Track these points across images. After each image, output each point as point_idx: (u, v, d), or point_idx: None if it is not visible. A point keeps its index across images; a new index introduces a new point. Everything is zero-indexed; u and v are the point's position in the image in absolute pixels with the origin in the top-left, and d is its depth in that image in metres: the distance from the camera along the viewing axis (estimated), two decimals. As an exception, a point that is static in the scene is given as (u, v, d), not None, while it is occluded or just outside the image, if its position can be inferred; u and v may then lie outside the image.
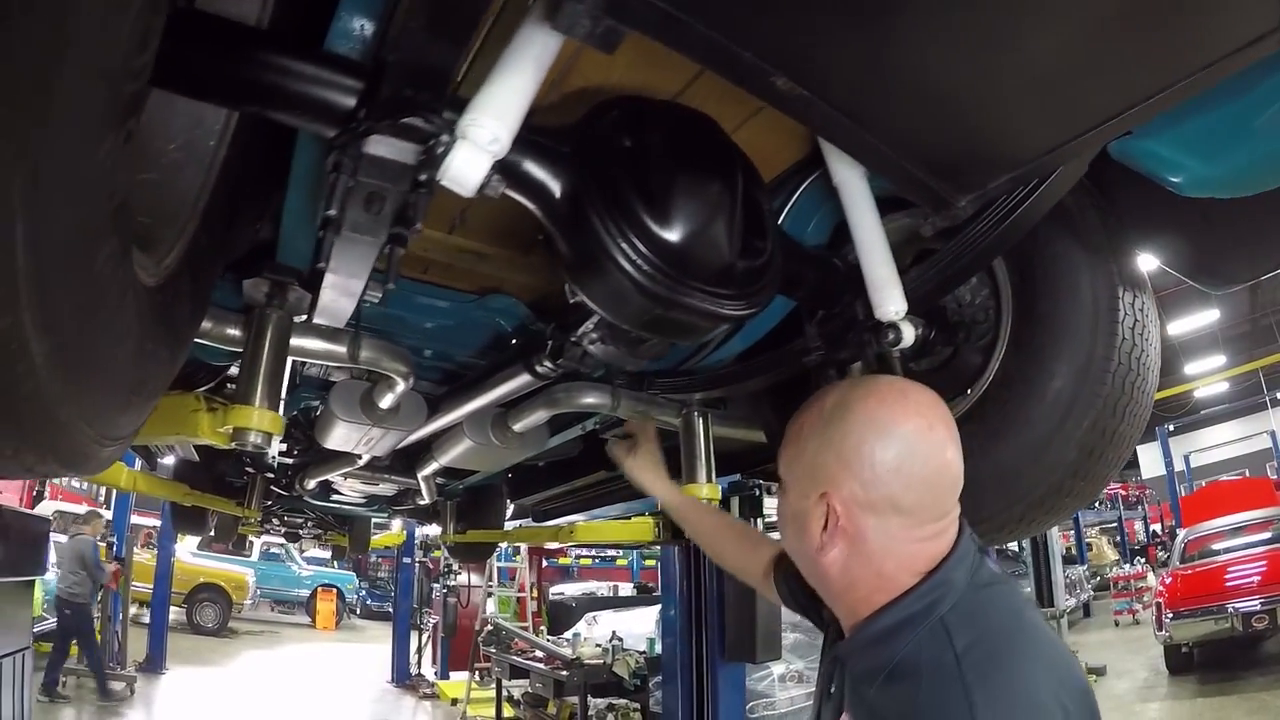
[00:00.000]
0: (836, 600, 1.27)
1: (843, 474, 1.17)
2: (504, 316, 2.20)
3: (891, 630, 1.15)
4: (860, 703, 1.19)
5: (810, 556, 1.23)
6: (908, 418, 1.17)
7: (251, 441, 1.64)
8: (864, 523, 1.16)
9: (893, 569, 1.17)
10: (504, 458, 3.12)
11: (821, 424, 1.23)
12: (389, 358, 2.05)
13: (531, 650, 8.83)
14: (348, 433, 2.60)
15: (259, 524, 8.64)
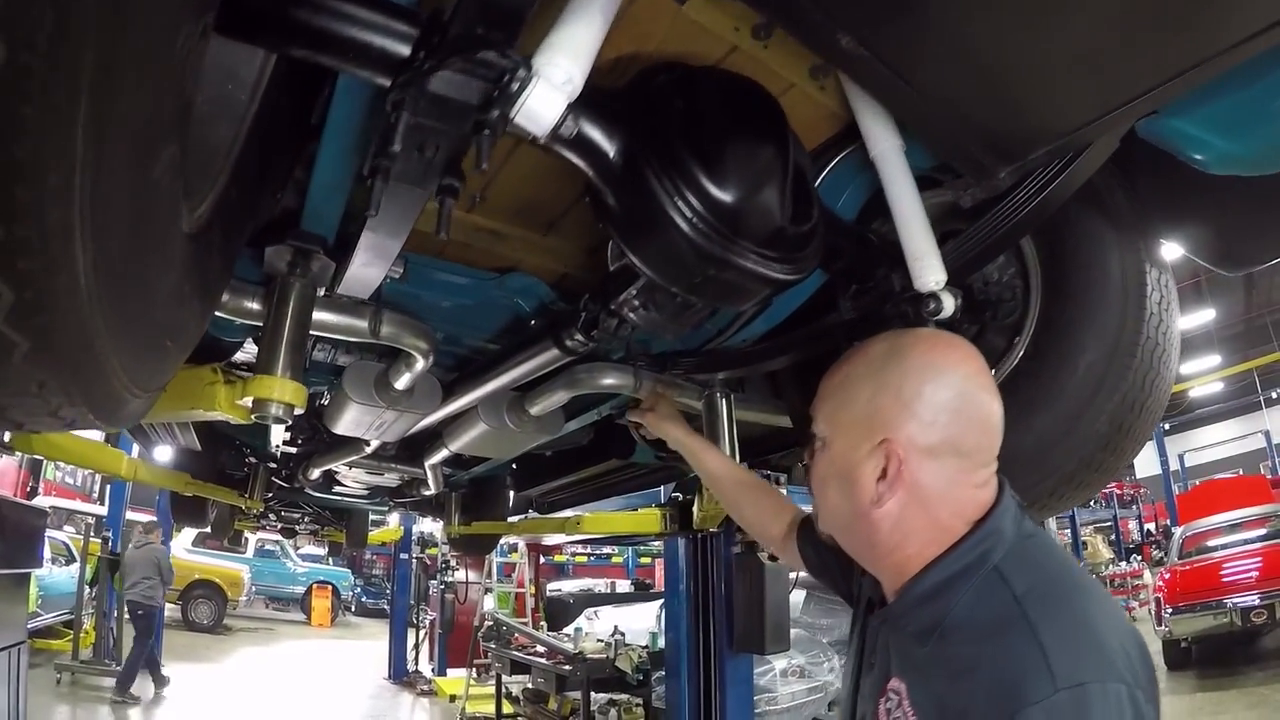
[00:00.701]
0: (882, 561, 1.23)
1: (902, 416, 1.15)
2: (523, 296, 2.15)
3: (945, 584, 1.13)
4: (912, 665, 1.15)
5: (859, 513, 1.20)
6: (963, 361, 1.18)
7: (273, 413, 1.59)
8: (923, 467, 1.14)
9: (948, 517, 1.15)
10: (518, 443, 3.06)
11: (873, 370, 1.22)
12: (410, 333, 1.99)
13: (532, 645, 8.75)
14: (359, 416, 2.54)
15: (257, 518, 8.62)
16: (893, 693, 1.15)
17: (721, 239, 1.28)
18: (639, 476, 4.33)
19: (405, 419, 2.60)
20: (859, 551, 1.29)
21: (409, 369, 2.18)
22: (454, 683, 12.18)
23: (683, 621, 6.60)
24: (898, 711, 1.12)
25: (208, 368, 1.83)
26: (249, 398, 1.59)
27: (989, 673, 1.01)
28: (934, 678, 1.09)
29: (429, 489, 4.57)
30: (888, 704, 1.15)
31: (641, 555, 22.89)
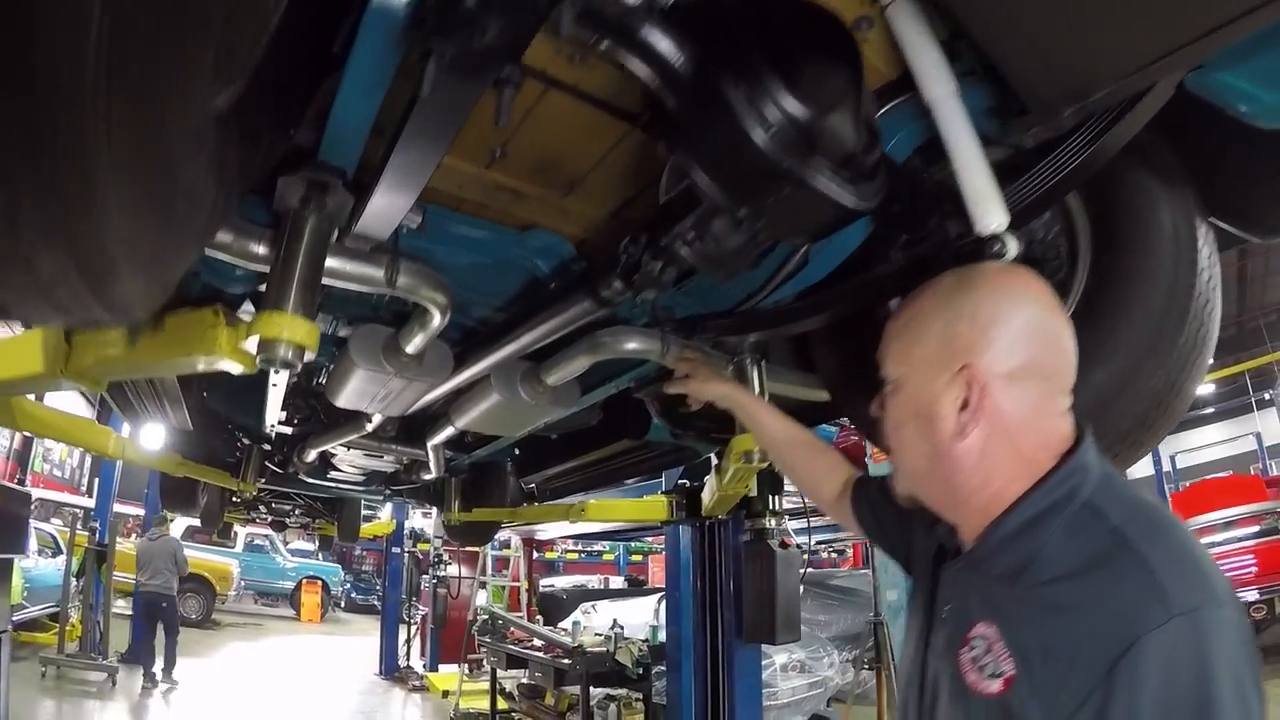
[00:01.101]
0: (966, 503, 1.19)
1: (980, 342, 1.14)
2: (543, 257, 2.04)
3: (1035, 520, 1.10)
4: (1003, 609, 1.10)
5: (941, 451, 1.17)
6: (1034, 285, 1.19)
7: (281, 356, 1.44)
8: (1005, 393, 1.13)
9: (1032, 446, 1.13)
10: (530, 417, 2.90)
11: (943, 302, 1.20)
12: (429, 285, 1.84)
13: (529, 639, 8.60)
14: (365, 386, 2.41)
15: (247, 509, 8.47)
16: (979, 639, 1.10)
17: (798, 153, 1.21)
18: (648, 459, 4.17)
19: (413, 389, 2.46)
20: (939, 497, 1.25)
21: (422, 329, 2.04)
22: (446, 678, 12.08)
23: (687, 612, 6.53)
24: (987, 658, 1.08)
25: (208, 309, 1.67)
26: (254, 338, 1.43)
27: (1096, 606, 0.99)
28: (1030, 619, 1.05)
29: (429, 473, 4.41)
30: (972, 652, 1.10)
31: (633, 552, 22.89)
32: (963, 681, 1.11)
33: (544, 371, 2.44)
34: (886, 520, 1.56)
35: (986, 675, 1.07)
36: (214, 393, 3.80)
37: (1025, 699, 1.02)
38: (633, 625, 8.43)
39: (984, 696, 1.07)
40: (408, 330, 2.12)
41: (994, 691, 1.05)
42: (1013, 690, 1.03)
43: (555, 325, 2.08)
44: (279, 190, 1.49)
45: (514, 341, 2.24)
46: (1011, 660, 1.04)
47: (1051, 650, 1.00)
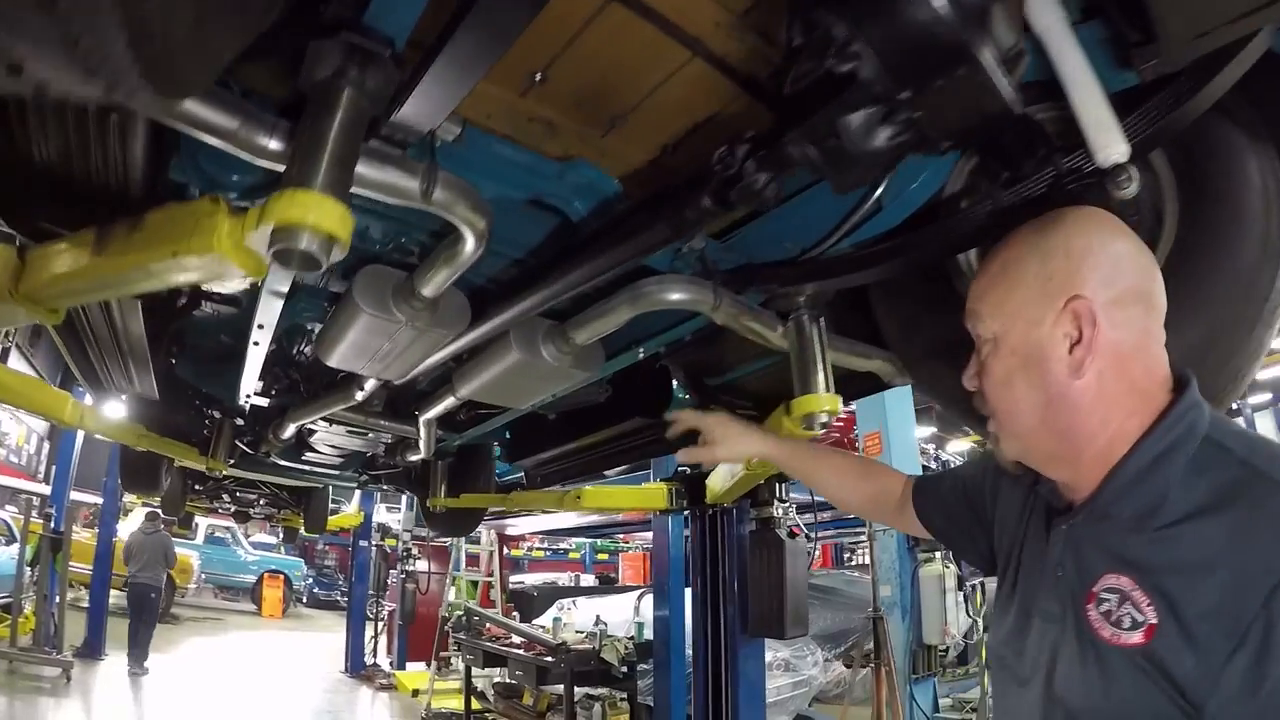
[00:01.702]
0: (1086, 450, 1.15)
1: (1081, 271, 1.13)
2: (582, 195, 1.85)
3: (1160, 458, 1.08)
4: (1130, 559, 1.07)
5: (1057, 395, 1.14)
6: (1114, 219, 1.19)
7: (303, 247, 1.12)
8: (1115, 319, 1.11)
9: (1144, 376, 1.12)
10: (548, 383, 2.65)
11: (1031, 244, 1.20)
12: (469, 204, 1.55)
13: (507, 636, 8.25)
14: (367, 337, 2.14)
15: (209, 499, 8.08)
16: (1110, 592, 1.07)
17: (976, 29, 1.10)
18: (660, 439, 3.86)
19: (422, 343, 2.19)
20: (1053, 451, 1.20)
21: (448, 264, 1.76)
22: (415, 677, 11.73)
23: (678, 607, 6.47)
24: (1124, 609, 1.04)
25: (205, 197, 1.34)
26: (268, 226, 1.10)
27: (1241, 539, 0.97)
28: (1168, 562, 1.03)
29: (417, 453, 4.07)
30: (1103, 606, 1.07)
31: (599, 550, 22.75)
32: (1095, 638, 1.07)
33: (573, 328, 2.23)
34: (957, 515, 1.53)
35: (1126, 628, 1.04)
36: (183, 360, 3.44)
37: (1175, 645, 0.98)
38: (613, 623, 8.25)
39: (1125, 648, 1.03)
40: (427, 268, 1.85)
41: (1135, 642, 1.02)
42: (1158, 638, 1.00)
43: (587, 274, 1.88)
44: (309, 59, 1.23)
45: (538, 293, 2.01)
46: (1153, 607, 1.01)
47: (1198, 591, 0.98)
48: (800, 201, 1.80)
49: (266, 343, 2.60)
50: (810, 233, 1.93)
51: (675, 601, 6.55)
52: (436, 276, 1.83)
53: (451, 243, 1.70)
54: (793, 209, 1.82)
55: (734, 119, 1.63)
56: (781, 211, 1.84)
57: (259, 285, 2.13)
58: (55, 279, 1.57)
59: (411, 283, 1.93)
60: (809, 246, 1.96)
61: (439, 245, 1.78)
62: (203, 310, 2.78)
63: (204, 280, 1.37)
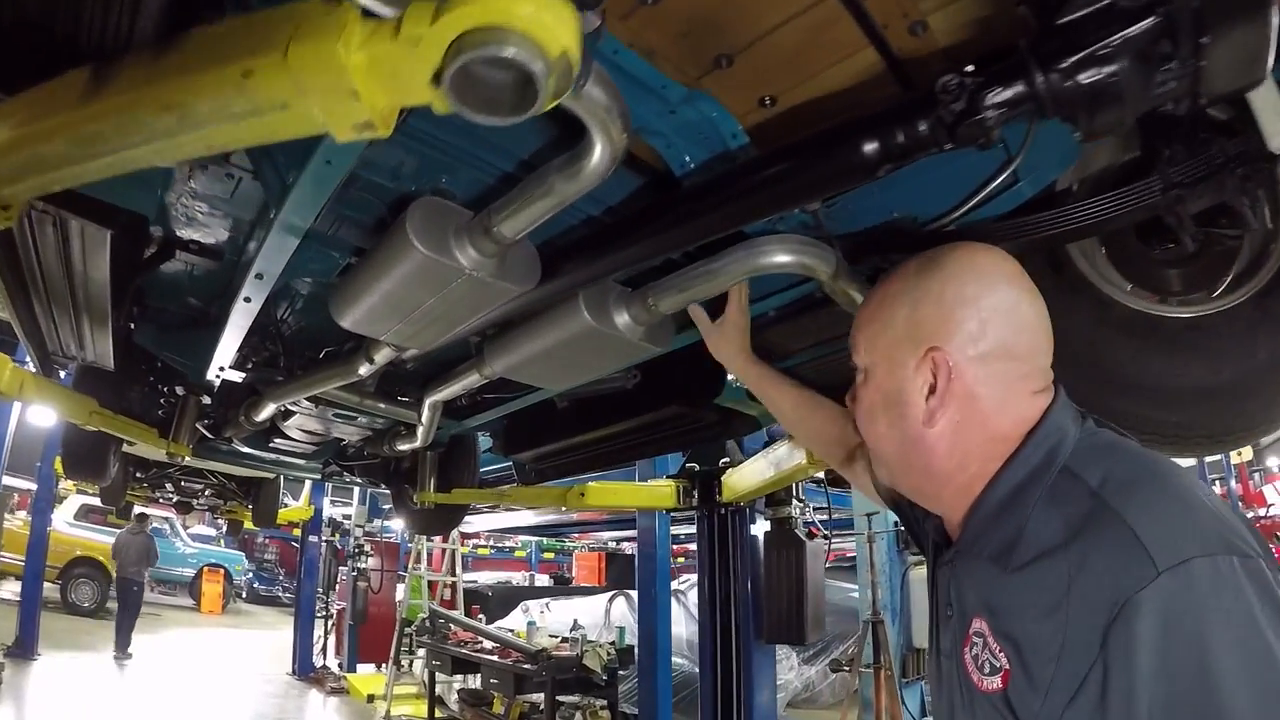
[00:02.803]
0: (944, 489, 1.16)
1: (948, 324, 1.12)
2: (697, 136, 1.62)
3: (1015, 493, 1.07)
4: (994, 597, 1.05)
5: (912, 438, 1.15)
6: (1003, 262, 1.17)
7: (517, 57, 0.73)
8: (975, 375, 1.10)
9: (1008, 427, 1.10)
10: (609, 358, 2.30)
11: (909, 285, 1.18)
12: (616, 109, 1.22)
13: (477, 641, 7.75)
14: (411, 288, 1.79)
15: (151, 487, 7.52)
16: (976, 636, 1.07)
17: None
18: (686, 432, 3.43)
19: (475, 301, 1.83)
20: (918, 486, 1.22)
21: (549, 196, 1.46)
22: (367, 680, 11.18)
23: (664, 610, 6.23)
24: (985, 654, 1.04)
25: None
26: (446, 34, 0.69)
27: (1080, 578, 0.94)
28: (1016, 606, 1.01)
29: (411, 441, 3.59)
30: (972, 650, 1.07)
31: (545, 550, 22.41)
32: (969, 681, 1.07)
33: (657, 294, 1.94)
34: (905, 503, 1.44)
35: (987, 673, 1.04)
36: (144, 325, 2.91)
37: (1023, 692, 0.98)
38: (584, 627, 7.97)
39: (987, 694, 1.03)
40: (512, 203, 1.55)
41: (995, 688, 1.02)
42: (1010, 685, 1.00)
43: (691, 234, 1.68)
44: None
45: (621, 253, 1.78)
46: (1004, 654, 1.01)
47: (1041, 635, 0.97)
48: (917, 168, 1.53)
49: (261, 299, 2.13)
50: (927, 203, 1.72)
51: (662, 604, 6.28)
52: (526, 212, 1.52)
53: (566, 165, 1.38)
54: (907, 175, 1.56)
55: (867, 76, 1.48)
56: (896, 177, 1.57)
57: (274, 216, 1.70)
58: (25, 132, 1.08)
59: (486, 221, 1.59)
60: (928, 218, 1.75)
61: (531, 177, 1.48)
62: (174, 263, 2.33)
63: (287, 132, 0.88)
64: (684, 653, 8.17)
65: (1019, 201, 1.65)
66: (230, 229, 2.14)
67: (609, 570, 18.99)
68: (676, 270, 1.87)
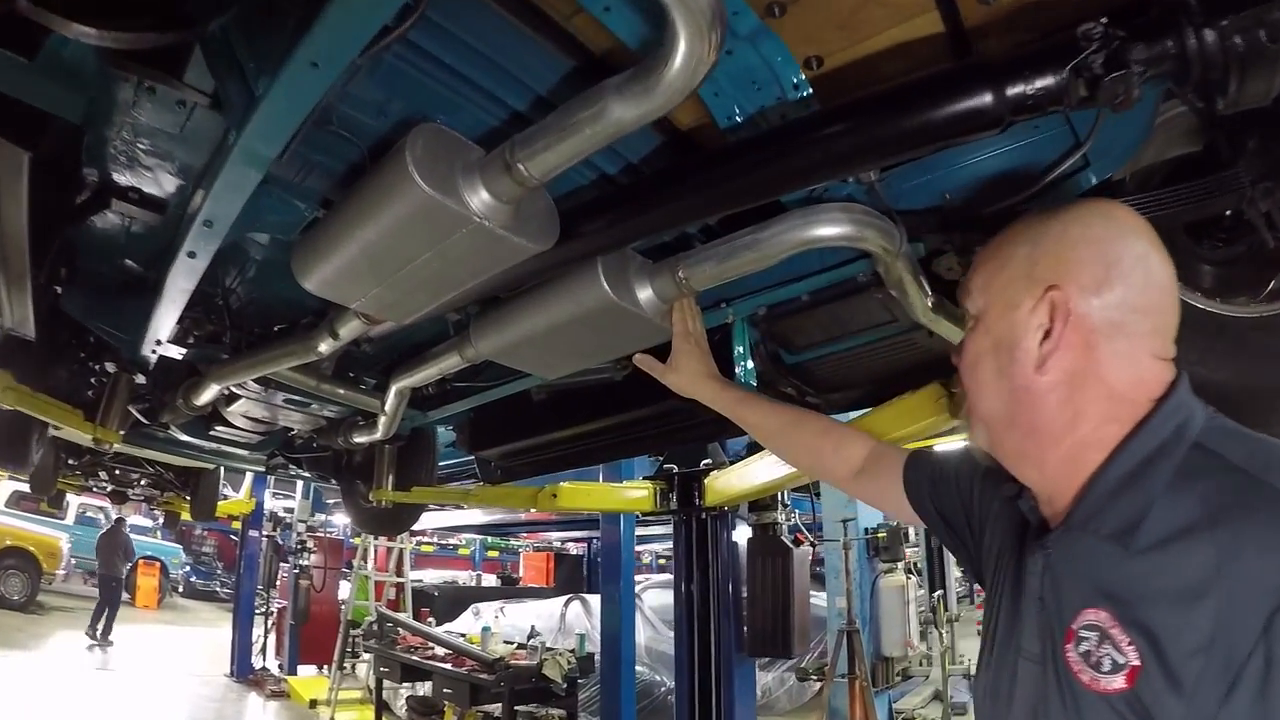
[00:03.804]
0: (1050, 452, 1.06)
1: (1070, 263, 1.04)
2: (744, 86, 1.43)
3: (1142, 465, 0.97)
4: (1109, 589, 0.95)
5: (1021, 388, 1.07)
6: (1139, 219, 1.08)
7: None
8: (1095, 323, 1.02)
9: (1127, 387, 1.02)
10: (617, 340, 2.01)
11: (1034, 224, 1.12)
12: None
13: (427, 647, 7.36)
14: (401, 239, 1.48)
15: (85, 474, 7.04)
16: (1089, 630, 0.96)
17: None
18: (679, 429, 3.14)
19: (479, 260, 1.55)
20: (1020, 448, 1.11)
21: (599, 121, 1.22)
22: (310, 683, 10.71)
23: (627, 616, 6.02)
24: (1103, 649, 0.93)
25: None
26: None
27: (1234, 556, 0.86)
28: (1151, 592, 0.91)
29: (370, 433, 3.24)
30: (1083, 646, 0.96)
31: (489, 548, 21.99)
32: (1075, 683, 0.96)
33: (690, 265, 1.72)
34: (948, 494, 1.40)
35: (1105, 671, 0.93)
36: (72, 290, 2.53)
37: (1159, 692, 0.88)
38: (521, 629, 7.84)
39: (1105, 694, 0.92)
40: (543, 135, 1.30)
41: (1116, 688, 0.91)
42: (1141, 683, 0.89)
43: (735, 196, 1.49)
44: None
45: (651, 216, 1.58)
46: (1134, 648, 0.91)
47: (1185, 624, 0.87)
48: (975, 148, 1.52)
49: (209, 254, 1.79)
50: (983, 187, 1.59)
51: (626, 610, 6.06)
52: (564, 145, 1.27)
53: (630, 82, 1.17)
54: (962, 155, 1.54)
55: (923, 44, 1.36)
56: (949, 156, 1.55)
57: (233, 141, 1.42)
58: None
59: (507, 156, 1.33)
60: (983, 199, 1.61)
61: (574, 100, 1.25)
62: (110, 216, 2.01)
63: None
64: (644, 660, 7.91)
65: (1079, 191, 1.52)
66: (177, 173, 1.83)
67: (558, 571, 18.73)
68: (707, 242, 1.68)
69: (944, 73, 1.29)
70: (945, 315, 1.89)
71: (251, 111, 1.31)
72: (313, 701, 9.74)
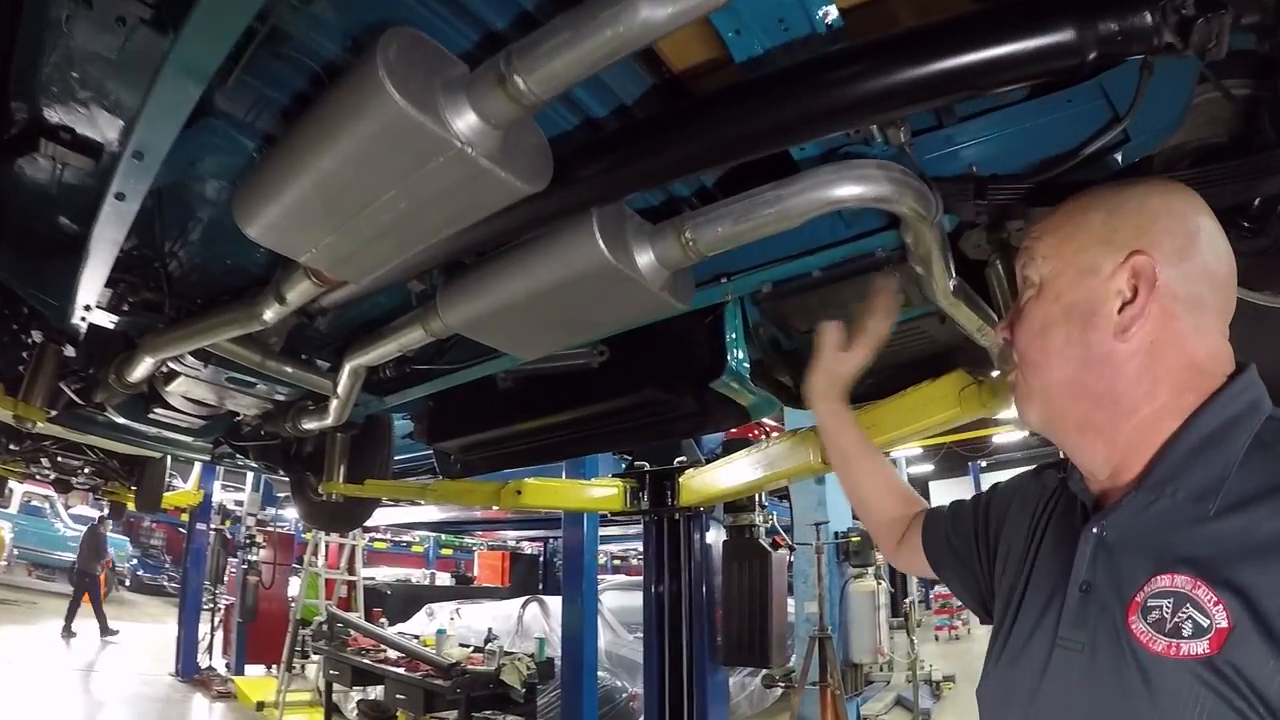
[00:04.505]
0: (1121, 422, 1.03)
1: (1152, 231, 1.02)
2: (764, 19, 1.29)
3: (1225, 428, 0.96)
4: (1188, 553, 0.92)
5: (1099, 355, 1.03)
6: (1204, 203, 1.07)
7: None
8: (1177, 292, 1.00)
9: (1204, 359, 1.01)
10: (608, 313, 1.82)
11: (1107, 194, 1.09)
12: None
13: (380, 650, 7.06)
14: (365, 170, 1.25)
15: (26, 461, 6.65)
16: (1160, 597, 0.92)
17: None
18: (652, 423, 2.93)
19: (460, 201, 1.32)
20: (1088, 418, 1.06)
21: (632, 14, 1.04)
22: (257, 684, 10.26)
23: (590, 619, 5.84)
24: (1183, 614, 0.89)
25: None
26: None
27: None
28: (1236, 551, 0.88)
29: (322, 418, 2.98)
30: (1152, 616, 0.92)
31: (443, 546, 21.50)
32: (1144, 654, 0.91)
33: (699, 225, 1.54)
34: (959, 547, 1.39)
35: (1187, 635, 0.88)
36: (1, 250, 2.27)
37: (1257, 648, 0.83)
38: (477, 631, 7.55)
39: (1187, 660, 0.88)
40: (551, 37, 1.11)
41: (1200, 653, 0.87)
42: (1232, 643, 0.85)
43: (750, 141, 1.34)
44: None
45: (649, 163, 1.41)
46: (1224, 607, 0.86)
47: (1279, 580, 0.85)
48: (1008, 115, 1.48)
49: (140, 195, 1.55)
50: (1014, 158, 1.55)
51: (589, 614, 5.85)
52: (571, 55, 1.08)
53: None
54: (995, 123, 1.50)
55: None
56: (979, 124, 1.51)
57: (169, 49, 1.21)
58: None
59: (502, 67, 1.13)
60: (1012, 171, 1.57)
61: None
62: (40, 162, 1.79)
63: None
64: (604, 665, 7.68)
65: (1113, 170, 1.49)
66: (113, 110, 1.60)
67: (514, 571, 18.40)
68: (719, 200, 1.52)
69: (1017, 2, 1.18)
70: (964, 299, 1.78)
71: (190, 10, 1.10)
72: (260, 704, 9.33)
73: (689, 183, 1.72)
